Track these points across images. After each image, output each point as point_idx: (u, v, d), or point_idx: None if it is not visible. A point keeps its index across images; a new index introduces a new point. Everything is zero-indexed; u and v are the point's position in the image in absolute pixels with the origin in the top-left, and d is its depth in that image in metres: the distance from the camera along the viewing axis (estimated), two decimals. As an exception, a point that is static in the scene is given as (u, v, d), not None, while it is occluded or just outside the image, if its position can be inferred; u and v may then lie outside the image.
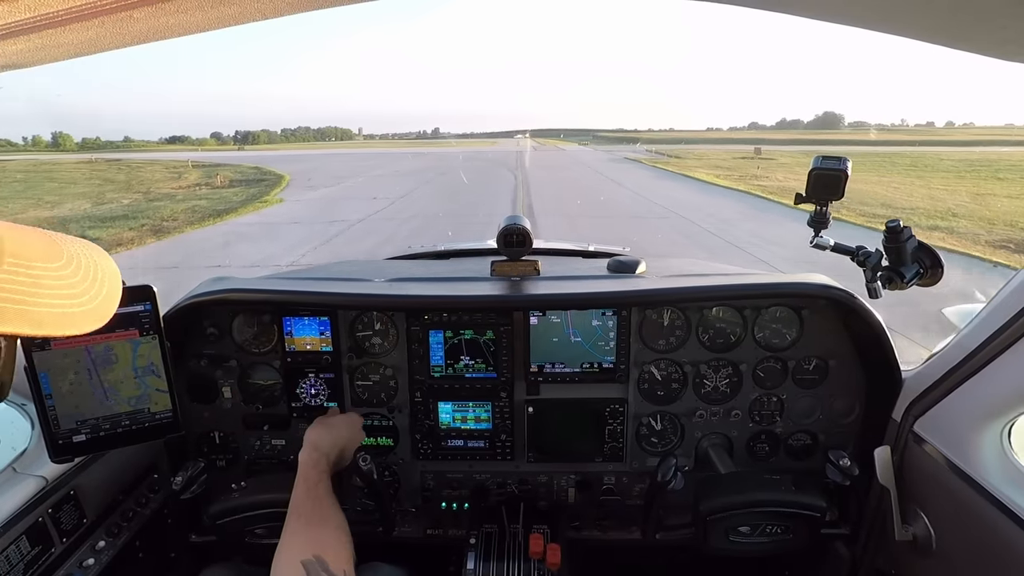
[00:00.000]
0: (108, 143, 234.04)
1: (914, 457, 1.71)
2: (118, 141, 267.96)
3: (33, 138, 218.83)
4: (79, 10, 0.74)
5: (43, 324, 0.58)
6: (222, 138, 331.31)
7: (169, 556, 1.99)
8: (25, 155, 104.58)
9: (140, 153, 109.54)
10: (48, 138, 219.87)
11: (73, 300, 0.62)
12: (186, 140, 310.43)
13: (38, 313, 0.57)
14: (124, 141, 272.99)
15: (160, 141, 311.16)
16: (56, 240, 0.65)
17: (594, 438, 2.04)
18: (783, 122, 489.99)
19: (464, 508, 2.11)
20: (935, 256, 1.56)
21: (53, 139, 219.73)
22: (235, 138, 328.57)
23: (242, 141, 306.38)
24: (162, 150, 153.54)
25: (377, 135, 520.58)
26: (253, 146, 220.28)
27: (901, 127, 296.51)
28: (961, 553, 1.55)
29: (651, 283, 1.96)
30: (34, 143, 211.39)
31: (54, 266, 0.61)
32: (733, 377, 1.99)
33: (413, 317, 1.97)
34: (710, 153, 66.80)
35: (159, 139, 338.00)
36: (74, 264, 0.64)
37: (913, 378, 1.76)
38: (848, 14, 0.93)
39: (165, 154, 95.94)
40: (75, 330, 0.62)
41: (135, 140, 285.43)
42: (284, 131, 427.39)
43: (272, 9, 0.89)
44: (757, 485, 1.76)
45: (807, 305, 1.93)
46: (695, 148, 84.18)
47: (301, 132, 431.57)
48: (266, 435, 2.07)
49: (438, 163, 52.69)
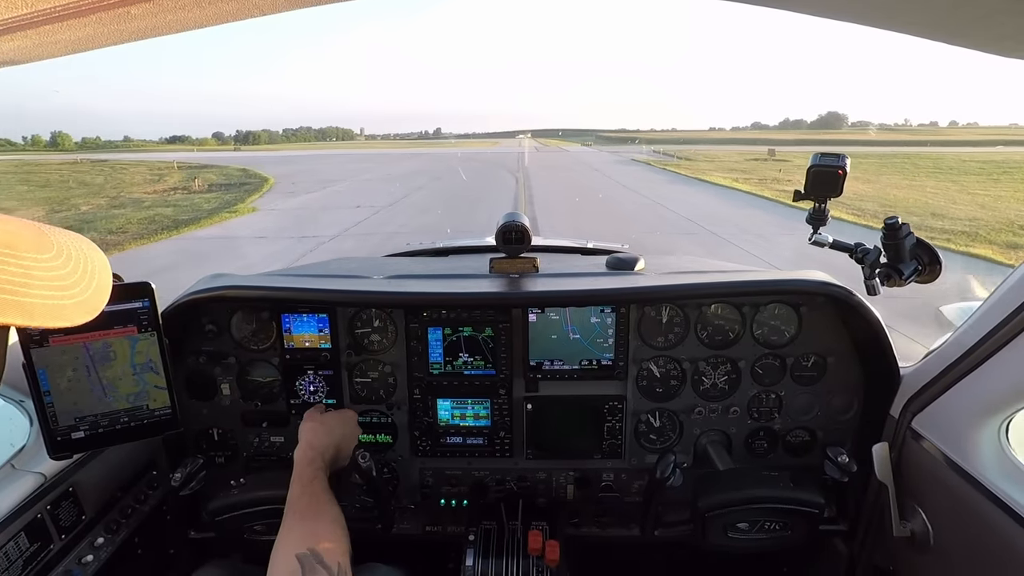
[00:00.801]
0: (107, 143, 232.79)
1: (912, 453, 1.71)
2: (117, 141, 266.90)
3: (32, 137, 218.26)
4: (76, 6, 0.74)
5: (34, 315, 0.57)
6: (223, 138, 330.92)
7: (168, 553, 2.00)
8: (14, 155, 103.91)
9: (134, 153, 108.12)
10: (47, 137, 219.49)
11: (64, 292, 0.61)
12: (187, 140, 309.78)
13: (29, 304, 0.56)
14: (124, 141, 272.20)
15: (160, 141, 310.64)
16: (46, 231, 0.65)
17: (593, 435, 2.04)
18: (786, 122, 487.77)
19: (463, 505, 2.11)
20: (933, 253, 1.57)
21: (52, 139, 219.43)
22: (235, 138, 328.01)
23: (242, 141, 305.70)
24: (159, 150, 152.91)
25: (379, 135, 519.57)
26: (252, 146, 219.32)
27: (904, 127, 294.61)
28: (959, 549, 1.56)
29: (650, 280, 1.96)
30: (33, 142, 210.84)
31: (44, 257, 0.60)
32: (732, 374, 1.99)
33: (412, 314, 1.97)
34: (720, 154, 65.14)
35: (159, 139, 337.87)
36: (64, 255, 0.63)
37: (911, 375, 1.76)
38: (847, 10, 0.93)
39: (158, 154, 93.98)
40: (66, 322, 0.61)
41: (135, 140, 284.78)
42: (286, 131, 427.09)
43: (269, 5, 0.89)
44: (756, 482, 1.76)
45: (805, 302, 1.93)
46: (702, 149, 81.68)
47: (303, 132, 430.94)
48: (265, 432, 2.07)
49: (434, 165, 50.38)
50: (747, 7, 0.92)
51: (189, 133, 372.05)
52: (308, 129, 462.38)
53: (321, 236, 16.05)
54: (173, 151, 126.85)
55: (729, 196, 25.80)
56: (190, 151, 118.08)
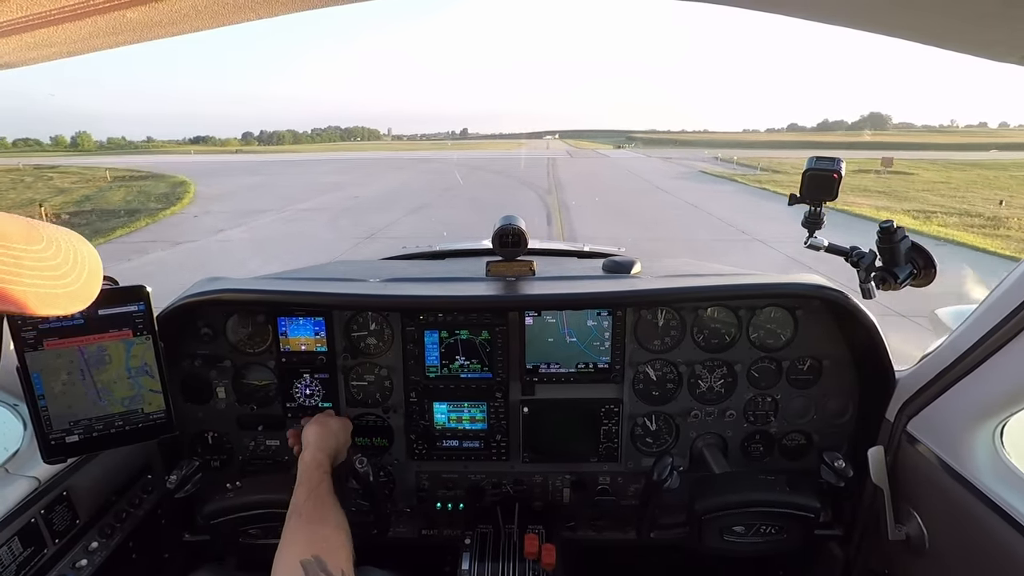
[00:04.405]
0: (129, 144, 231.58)
1: (907, 457, 1.71)
2: (138, 142, 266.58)
3: (55, 138, 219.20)
4: (71, 9, 0.74)
5: (26, 303, 0.58)
6: (250, 138, 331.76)
7: (162, 557, 1.99)
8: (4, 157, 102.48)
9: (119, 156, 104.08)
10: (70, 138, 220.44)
11: (55, 281, 0.62)
12: (210, 140, 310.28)
13: (21, 292, 0.58)
14: (146, 141, 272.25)
15: (183, 141, 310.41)
16: (35, 224, 0.66)
17: (589, 438, 2.04)
18: (825, 123, 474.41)
19: (459, 508, 2.10)
20: (928, 257, 1.57)
21: (72, 140, 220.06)
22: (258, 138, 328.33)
23: (266, 141, 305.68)
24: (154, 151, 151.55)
25: (405, 136, 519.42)
26: (262, 148, 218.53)
27: (951, 128, 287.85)
28: (954, 553, 1.56)
29: (646, 283, 1.96)
30: (56, 143, 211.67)
31: (34, 248, 0.62)
32: (728, 377, 2.00)
33: (408, 317, 1.96)
34: (793, 160, 50.71)
35: (183, 139, 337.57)
36: (54, 247, 0.65)
37: (906, 378, 1.77)
38: (840, 15, 0.94)
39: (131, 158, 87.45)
40: (58, 310, 0.62)
41: (157, 140, 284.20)
42: (315, 130, 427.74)
43: (267, 9, 0.89)
44: (752, 485, 1.76)
45: (801, 306, 1.93)
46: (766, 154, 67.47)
47: (330, 132, 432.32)
48: (261, 435, 2.06)
49: (431, 181, 34.72)
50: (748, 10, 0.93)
51: (214, 133, 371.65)
52: (336, 129, 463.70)
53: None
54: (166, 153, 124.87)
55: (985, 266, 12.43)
56: (187, 153, 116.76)
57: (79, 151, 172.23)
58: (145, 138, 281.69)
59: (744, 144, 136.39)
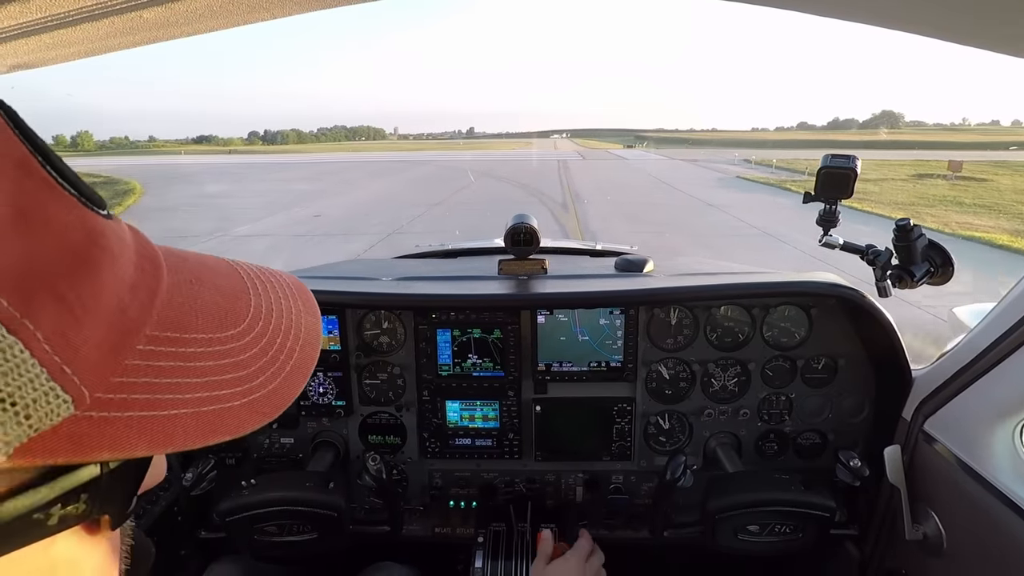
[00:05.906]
0: (130, 143, 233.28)
1: (924, 456, 1.69)
2: (141, 141, 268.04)
3: (56, 137, 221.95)
4: (89, 10, 0.75)
5: (172, 438, 0.34)
6: (256, 137, 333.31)
7: (179, 553, 2.01)
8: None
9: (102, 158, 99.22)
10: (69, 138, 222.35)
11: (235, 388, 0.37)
12: (213, 140, 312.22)
13: (168, 420, 0.34)
14: (148, 141, 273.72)
15: (186, 140, 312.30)
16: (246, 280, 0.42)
17: (602, 437, 2.03)
18: (836, 121, 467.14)
19: (472, 507, 2.11)
20: (946, 254, 1.55)
21: (72, 140, 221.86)
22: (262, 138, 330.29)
23: (270, 141, 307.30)
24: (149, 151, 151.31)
25: (411, 135, 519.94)
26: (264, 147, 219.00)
27: (964, 126, 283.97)
28: (972, 553, 1.54)
29: (659, 282, 1.95)
30: (57, 143, 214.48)
31: (227, 335, 0.38)
32: (741, 376, 1.98)
33: (420, 316, 1.97)
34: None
35: (186, 138, 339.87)
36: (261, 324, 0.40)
37: (923, 377, 1.75)
38: (858, 11, 0.93)
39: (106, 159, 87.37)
40: (217, 438, 0.37)
41: (159, 140, 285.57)
42: (320, 130, 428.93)
43: (280, 9, 0.90)
44: (766, 484, 1.75)
45: (816, 304, 1.92)
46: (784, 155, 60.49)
47: (335, 131, 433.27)
48: (275, 433, 2.08)
49: (424, 193, 26.95)
50: (754, 8, 0.92)
51: (219, 133, 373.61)
52: (341, 128, 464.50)
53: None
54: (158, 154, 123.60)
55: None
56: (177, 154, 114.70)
57: (78, 151, 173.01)
58: (147, 137, 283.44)
59: (753, 143, 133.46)
